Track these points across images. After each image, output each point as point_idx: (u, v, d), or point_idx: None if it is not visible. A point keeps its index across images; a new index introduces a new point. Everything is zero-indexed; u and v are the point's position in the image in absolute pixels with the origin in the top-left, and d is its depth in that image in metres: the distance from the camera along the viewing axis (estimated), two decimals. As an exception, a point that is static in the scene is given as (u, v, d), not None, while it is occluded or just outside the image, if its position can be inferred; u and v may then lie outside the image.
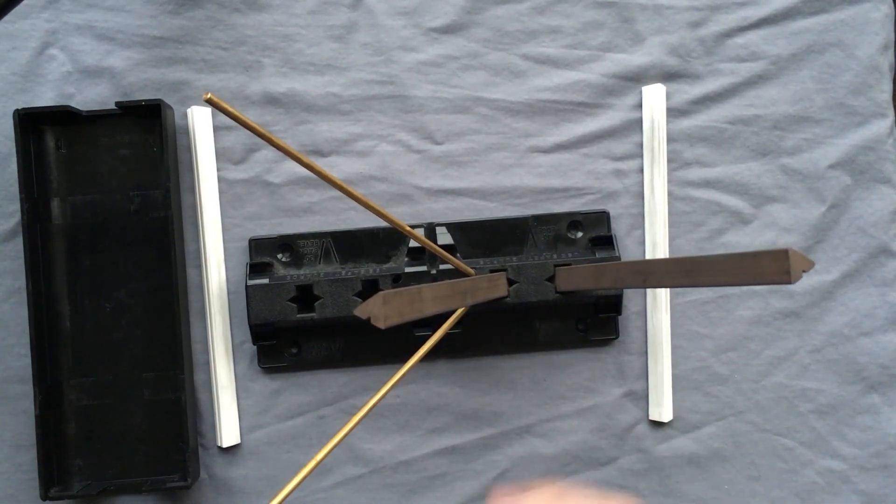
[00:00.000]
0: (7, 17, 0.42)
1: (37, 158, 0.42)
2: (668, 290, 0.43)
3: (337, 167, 0.44)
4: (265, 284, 0.41)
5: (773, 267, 0.28)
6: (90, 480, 0.42)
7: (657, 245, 0.43)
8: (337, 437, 0.32)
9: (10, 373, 0.43)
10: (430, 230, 0.43)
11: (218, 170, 0.43)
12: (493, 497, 0.26)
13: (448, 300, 0.34)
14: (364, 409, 0.33)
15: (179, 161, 0.43)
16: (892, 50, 0.45)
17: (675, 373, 0.44)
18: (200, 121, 0.43)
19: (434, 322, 0.37)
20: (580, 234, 0.43)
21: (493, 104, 0.44)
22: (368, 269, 0.42)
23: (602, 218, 0.43)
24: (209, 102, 0.25)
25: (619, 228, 0.44)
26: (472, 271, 0.40)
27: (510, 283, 0.41)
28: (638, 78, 0.44)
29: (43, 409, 0.40)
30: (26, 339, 0.41)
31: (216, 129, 0.43)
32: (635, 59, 0.44)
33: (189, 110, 0.43)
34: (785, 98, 0.44)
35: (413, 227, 0.43)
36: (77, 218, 0.43)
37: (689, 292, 0.44)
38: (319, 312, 0.41)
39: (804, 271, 0.29)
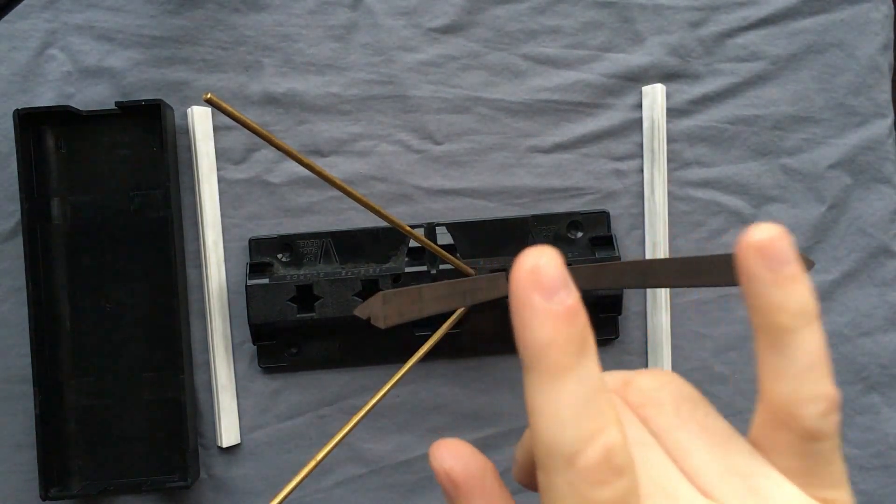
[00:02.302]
0: (7, 17, 0.42)
1: (37, 158, 0.42)
2: (668, 290, 0.43)
3: (337, 167, 0.44)
4: (265, 284, 0.41)
5: (773, 267, 0.28)
6: (90, 480, 0.42)
7: (657, 245, 0.43)
8: (337, 437, 0.32)
9: (10, 373, 0.43)
10: (430, 230, 0.43)
11: (218, 170, 0.43)
12: None
13: (448, 300, 0.34)
14: (364, 409, 0.33)
15: (179, 161, 0.43)
16: (892, 50, 0.45)
17: (676, 373, 0.44)
18: (200, 121, 0.43)
19: (434, 322, 0.37)
20: (580, 234, 0.43)
21: (493, 104, 0.44)
22: (368, 269, 0.42)
23: (602, 218, 0.43)
24: (209, 102, 0.25)
25: (619, 228, 0.44)
26: (472, 271, 0.40)
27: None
28: (638, 78, 0.44)
29: (43, 409, 0.40)
30: (26, 339, 0.41)
31: (216, 129, 0.43)
32: (635, 59, 0.44)
33: (189, 110, 0.43)
34: (785, 98, 0.44)
35: (413, 227, 0.43)
36: (77, 218, 0.43)
37: (689, 292, 0.44)
38: (319, 312, 0.41)
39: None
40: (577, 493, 0.16)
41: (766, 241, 0.19)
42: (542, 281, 0.17)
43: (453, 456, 0.20)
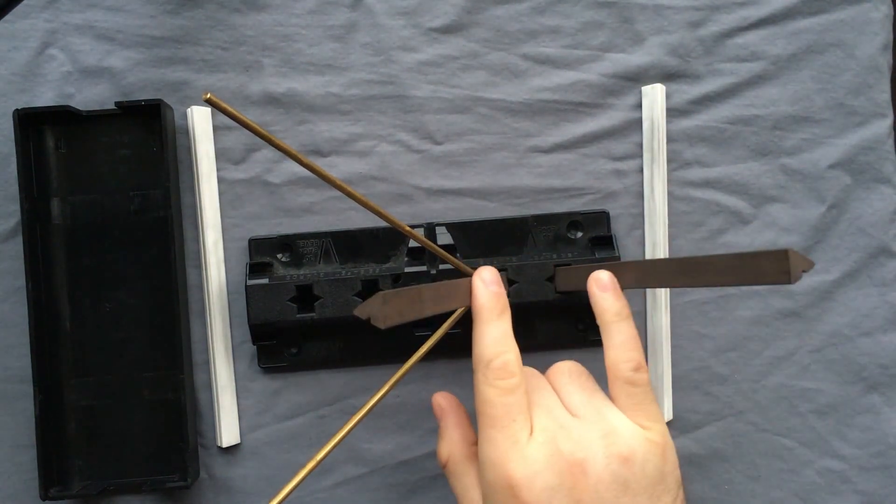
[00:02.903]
0: (7, 17, 0.42)
1: (37, 158, 0.42)
2: (668, 290, 0.43)
3: (337, 167, 0.44)
4: (265, 284, 0.41)
5: (773, 267, 0.28)
6: (90, 480, 0.42)
7: (657, 245, 0.43)
8: (337, 437, 0.32)
9: (10, 373, 0.43)
10: (430, 230, 0.43)
11: (218, 170, 0.43)
12: None
13: (448, 300, 0.34)
14: (364, 409, 0.33)
15: (179, 161, 0.43)
16: (891, 50, 0.45)
17: (675, 373, 0.44)
18: (200, 121, 0.43)
19: (434, 322, 0.37)
20: (580, 234, 0.43)
21: (493, 104, 0.44)
22: (368, 269, 0.42)
23: (602, 218, 0.43)
24: (209, 102, 0.25)
25: (619, 228, 0.44)
26: (472, 271, 0.39)
27: (510, 283, 0.41)
28: (638, 78, 0.44)
29: (43, 409, 0.40)
30: (26, 339, 0.41)
31: (216, 129, 0.43)
32: (635, 59, 0.44)
33: (189, 110, 0.43)
34: (785, 98, 0.44)
35: (413, 227, 0.43)
36: (77, 218, 0.43)
37: (689, 292, 0.44)
38: (319, 312, 0.41)
39: (804, 271, 0.29)
40: (488, 382, 0.32)
41: (598, 276, 0.35)
42: (484, 278, 0.35)
43: (442, 396, 0.37)
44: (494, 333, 0.33)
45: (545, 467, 0.30)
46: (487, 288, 0.34)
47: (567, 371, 0.34)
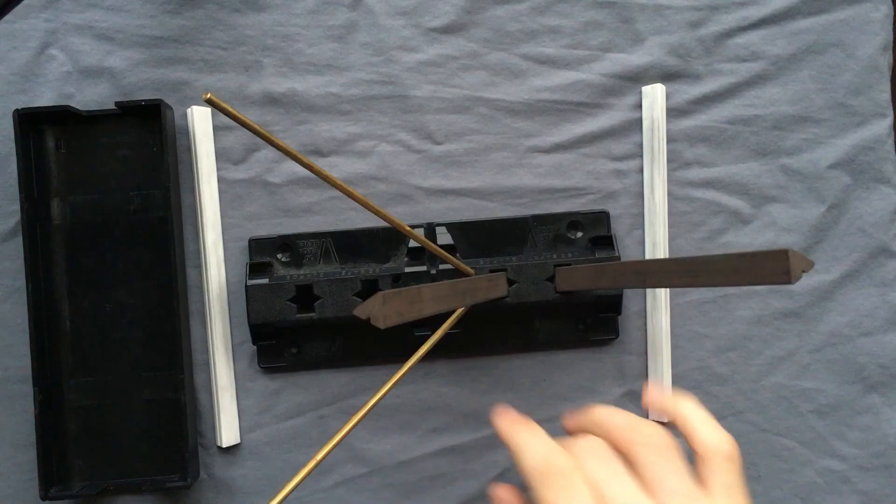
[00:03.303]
0: (7, 17, 0.42)
1: (37, 158, 0.42)
2: (668, 290, 0.43)
3: (337, 167, 0.44)
4: (265, 284, 0.41)
5: (773, 267, 0.28)
6: (90, 480, 0.42)
7: (657, 245, 0.43)
8: (337, 437, 0.32)
9: (10, 373, 0.43)
10: (430, 230, 0.43)
11: (218, 170, 0.43)
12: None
13: (448, 300, 0.34)
14: (364, 409, 0.33)
15: (179, 161, 0.43)
16: (892, 50, 0.45)
17: (675, 373, 0.44)
18: (200, 121, 0.43)
19: (434, 322, 0.37)
20: (580, 234, 0.43)
21: (493, 104, 0.44)
22: (368, 269, 0.42)
23: (602, 218, 0.43)
24: (209, 102, 0.25)
25: (619, 228, 0.44)
26: (471, 271, 0.40)
27: (510, 283, 0.41)
28: (638, 78, 0.44)
29: (43, 409, 0.40)
30: (26, 339, 0.41)
31: (216, 129, 0.43)
32: (635, 59, 0.44)
33: (189, 110, 0.43)
34: (785, 98, 0.44)
35: (413, 227, 0.43)
36: (77, 218, 0.43)
37: (689, 292, 0.44)
38: (319, 312, 0.41)
39: (804, 271, 0.29)
40: (547, 487, 0.29)
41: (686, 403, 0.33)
42: (505, 413, 0.33)
43: (501, 489, 0.34)
44: (532, 441, 0.31)
45: None
46: (505, 418, 0.33)
47: (656, 444, 0.31)
